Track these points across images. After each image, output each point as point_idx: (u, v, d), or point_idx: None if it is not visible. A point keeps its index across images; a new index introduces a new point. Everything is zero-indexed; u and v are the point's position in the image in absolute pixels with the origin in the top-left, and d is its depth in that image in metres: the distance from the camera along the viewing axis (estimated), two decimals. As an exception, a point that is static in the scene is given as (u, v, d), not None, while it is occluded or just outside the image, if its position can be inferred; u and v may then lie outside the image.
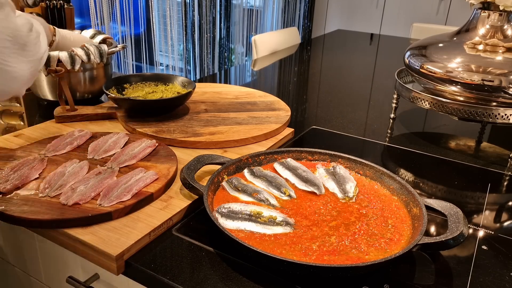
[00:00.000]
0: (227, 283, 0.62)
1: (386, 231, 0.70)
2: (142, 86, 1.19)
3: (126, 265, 0.65)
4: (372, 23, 4.13)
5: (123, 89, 1.16)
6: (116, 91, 1.14)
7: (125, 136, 0.94)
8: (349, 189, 0.81)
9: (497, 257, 0.70)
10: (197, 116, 1.11)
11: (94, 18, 2.37)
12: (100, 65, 1.21)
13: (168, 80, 1.21)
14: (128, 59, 2.71)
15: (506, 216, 0.84)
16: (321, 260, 0.63)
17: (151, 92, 1.15)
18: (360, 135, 1.16)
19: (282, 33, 2.45)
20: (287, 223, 0.70)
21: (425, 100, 1.08)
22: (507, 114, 0.98)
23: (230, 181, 0.81)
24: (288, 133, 1.09)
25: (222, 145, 0.98)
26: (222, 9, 3.34)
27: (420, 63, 1.10)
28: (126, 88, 1.17)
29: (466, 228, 0.66)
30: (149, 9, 2.78)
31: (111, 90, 1.12)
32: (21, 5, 1.31)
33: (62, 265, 0.78)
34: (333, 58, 2.13)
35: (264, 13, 3.95)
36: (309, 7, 4.42)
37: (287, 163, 0.88)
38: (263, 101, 1.24)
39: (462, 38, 1.09)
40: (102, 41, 1.24)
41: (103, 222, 0.69)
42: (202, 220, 0.76)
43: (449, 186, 0.92)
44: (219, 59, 3.46)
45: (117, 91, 1.14)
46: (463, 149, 1.11)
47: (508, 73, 0.98)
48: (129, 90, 1.17)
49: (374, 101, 1.45)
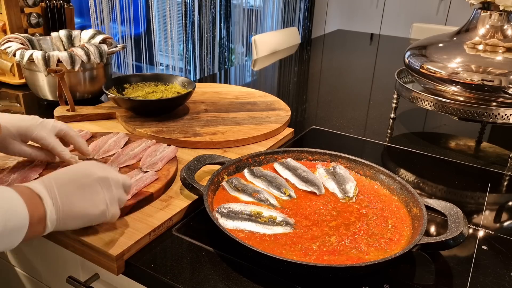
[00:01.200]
0: (227, 283, 0.62)
1: (386, 231, 0.70)
2: (142, 86, 1.18)
3: (126, 265, 0.65)
4: (372, 23, 4.13)
5: (123, 89, 1.16)
6: (116, 91, 1.13)
7: (125, 136, 0.94)
8: (349, 189, 0.81)
9: (497, 257, 0.70)
10: (197, 116, 1.11)
11: (94, 18, 2.38)
12: (100, 65, 1.21)
13: (168, 80, 1.20)
14: (128, 59, 2.71)
15: (506, 216, 0.84)
16: (321, 260, 0.63)
17: (151, 92, 1.14)
18: (360, 135, 1.16)
19: (282, 33, 2.45)
20: (287, 223, 0.70)
21: (425, 100, 1.08)
22: (507, 114, 0.98)
23: (230, 181, 0.81)
24: (288, 133, 1.09)
25: (222, 145, 0.98)
26: (222, 9, 3.34)
27: (420, 63, 1.10)
28: (126, 88, 1.16)
29: (466, 228, 0.66)
30: (149, 9, 2.78)
31: (111, 90, 1.12)
32: (21, 5, 1.32)
33: (62, 265, 0.78)
34: (333, 58, 2.13)
35: (264, 13, 3.95)
36: (309, 7, 4.42)
37: (287, 163, 0.88)
38: (263, 101, 1.24)
39: (462, 38, 1.09)
40: (102, 41, 1.24)
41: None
42: (202, 220, 0.76)
43: (449, 186, 0.92)
44: (219, 59, 3.46)
45: (117, 91, 1.14)
46: (463, 149, 1.11)
47: (508, 73, 0.98)
48: (129, 90, 1.16)
49: (374, 101, 1.45)
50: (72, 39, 1.29)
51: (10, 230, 0.51)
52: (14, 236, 0.52)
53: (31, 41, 1.21)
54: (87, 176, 0.61)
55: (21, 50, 1.11)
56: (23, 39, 1.18)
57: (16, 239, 0.53)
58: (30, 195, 0.55)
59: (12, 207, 0.52)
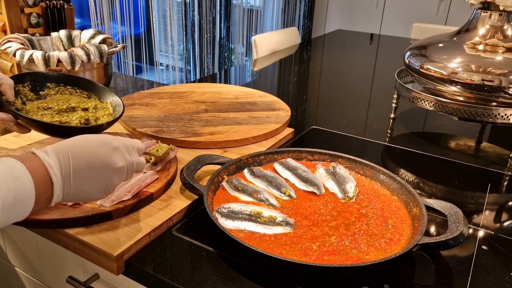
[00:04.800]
0: (227, 283, 0.62)
1: (386, 231, 0.70)
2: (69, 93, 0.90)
3: (126, 265, 0.65)
4: (372, 23, 4.13)
5: (42, 88, 0.88)
6: (30, 88, 0.86)
7: (125, 136, 0.94)
8: (349, 189, 0.81)
9: (497, 257, 0.70)
10: (197, 116, 1.11)
11: (94, 18, 2.37)
12: (100, 65, 1.21)
13: (104, 95, 0.92)
14: (128, 59, 2.71)
15: (506, 216, 0.84)
16: (321, 260, 0.63)
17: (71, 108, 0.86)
18: (360, 135, 1.16)
19: (282, 33, 2.45)
20: (287, 223, 0.70)
21: (425, 100, 1.08)
22: (507, 114, 0.98)
23: (230, 181, 0.81)
24: (288, 133, 1.09)
25: (222, 145, 0.98)
26: (222, 9, 3.34)
27: (420, 63, 1.10)
28: (49, 88, 0.89)
29: (466, 228, 0.66)
30: (149, 9, 2.78)
31: (21, 87, 0.85)
32: (21, 5, 1.31)
33: (62, 265, 0.78)
34: (333, 58, 2.13)
35: (264, 13, 3.95)
36: (309, 7, 4.42)
37: (287, 163, 0.88)
38: (263, 101, 1.24)
39: (462, 38, 1.09)
40: (102, 41, 1.24)
41: (103, 222, 0.69)
42: (202, 220, 0.76)
43: (449, 186, 0.92)
44: (219, 59, 3.46)
45: (32, 89, 0.86)
46: (463, 149, 1.11)
47: (508, 73, 0.98)
48: (50, 92, 0.89)
49: (374, 101, 1.45)
50: (72, 39, 1.29)
51: (14, 212, 0.52)
52: (14, 215, 0.52)
53: (31, 41, 1.21)
54: (106, 165, 0.60)
55: (21, 50, 1.11)
56: (23, 39, 1.18)
57: (19, 217, 0.53)
58: (42, 177, 0.54)
59: (20, 188, 0.51)
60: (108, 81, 1.26)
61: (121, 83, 1.57)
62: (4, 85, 0.76)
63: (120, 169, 0.62)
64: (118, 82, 1.56)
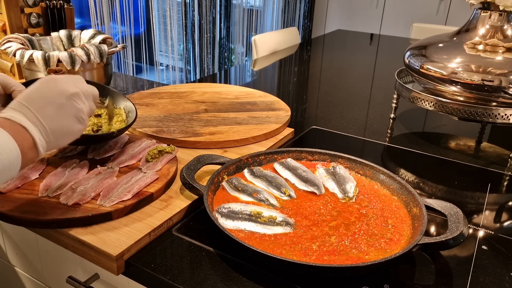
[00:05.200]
0: (227, 283, 0.62)
1: (386, 231, 0.70)
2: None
3: (126, 265, 0.65)
4: (372, 23, 4.13)
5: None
6: None
7: (125, 136, 0.94)
8: (349, 189, 0.81)
9: (497, 257, 0.70)
10: (197, 116, 1.11)
11: (94, 18, 2.37)
12: (100, 65, 1.21)
13: (117, 101, 0.93)
14: (128, 59, 2.71)
15: (506, 216, 0.84)
16: (321, 260, 0.63)
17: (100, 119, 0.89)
18: (360, 135, 1.16)
19: (282, 33, 2.45)
20: (287, 223, 0.70)
21: (425, 100, 1.08)
22: (507, 114, 0.98)
23: (230, 181, 0.81)
24: (288, 133, 1.09)
25: (222, 145, 0.98)
26: (222, 9, 3.34)
27: (420, 63, 1.10)
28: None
29: (466, 228, 0.66)
30: (149, 9, 2.78)
31: None
32: (21, 5, 1.31)
33: (62, 265, 0.78)
34: (333, 58, 2.13)
35: (264, 13, 3.95)
36: (309, 7, 4.42)
37: (287, 163, 0.88)
38: (263, 101, 1.24)
39: (462, 38, 1.09)
40: (102, 41, 1.24)
41: (103, 222, 0.69)
42: (202, 220, 0.76)
43: (449, 186, 0.92)
44: (219, 59, 3.46)
45: None
46: (463, 149, 1.11)
47: (508, 73, 0.98)
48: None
49: (374, 101, 1.45)
50: (72, 39, 1.29)
51: (2, 165, 0.53)
52: (8, 171, 0.54)
53: (31, 41, 1.21)
54: (62, 94, 0.62)
55: (21, 50, 1.11)
56: (23, 39, 1.18)
57: (14, 171, 0.55)
58: (13, 127, 0.56)
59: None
60: (108, 81, 1.26)
61: (121, 83, 1.56)
62: (16, 91, 0.77)
63: (76, 93, 0.64)
64: (118, 82, 1.56)
